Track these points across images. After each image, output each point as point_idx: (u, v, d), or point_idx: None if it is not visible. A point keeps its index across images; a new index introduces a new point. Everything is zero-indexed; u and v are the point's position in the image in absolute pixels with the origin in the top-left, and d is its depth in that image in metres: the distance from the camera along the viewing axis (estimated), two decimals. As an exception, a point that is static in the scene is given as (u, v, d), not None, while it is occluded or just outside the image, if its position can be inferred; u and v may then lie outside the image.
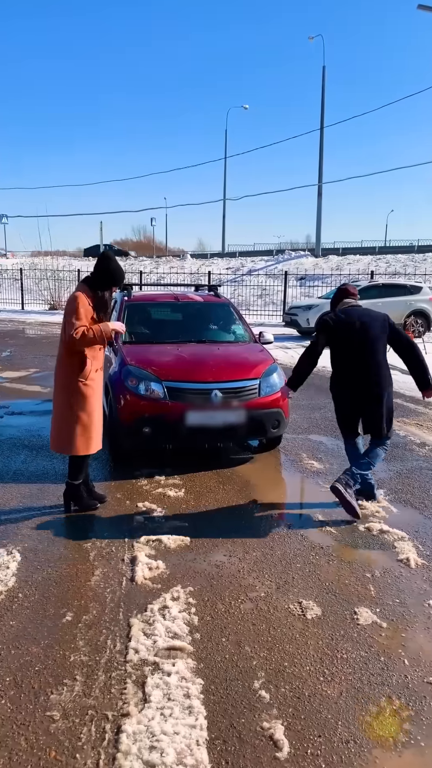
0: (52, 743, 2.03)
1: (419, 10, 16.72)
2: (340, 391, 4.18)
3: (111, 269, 3.81)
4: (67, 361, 3.81)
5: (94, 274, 3.82)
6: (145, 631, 2.66)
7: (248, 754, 1.99)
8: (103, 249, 41.67)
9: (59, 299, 23.50)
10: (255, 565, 3.31)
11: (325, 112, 33.11)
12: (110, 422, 5.06)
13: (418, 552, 3.49)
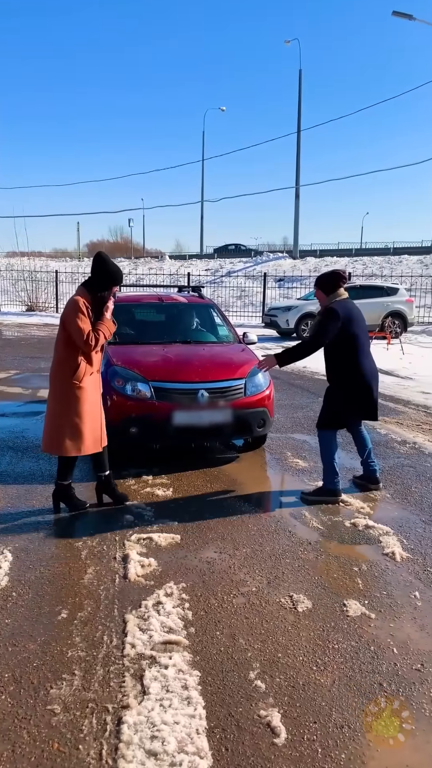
0: (55, 735, 2.06)
1: (394, 16, 17.06)
2: (363, 383, 4.18)
3: (109, 270, 3.84)
4: (63, 363, 3.83)
5: (92, 277, 3.84)
6: (141, 627, 2.70)
7: (247, 741, 2.05)
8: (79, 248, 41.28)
9: (36, 300, 23.33)
10: (245, 561, 3.38)
11: (302, 115, 33.45)
12: None
13: (402, 546, 3.59)
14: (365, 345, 4.24)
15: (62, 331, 3.86)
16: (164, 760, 1.95)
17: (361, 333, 4.22)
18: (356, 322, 4.19)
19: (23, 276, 23.83)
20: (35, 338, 15.70)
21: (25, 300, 23.45)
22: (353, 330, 4.16)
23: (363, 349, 4.21)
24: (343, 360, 4.20)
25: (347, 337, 4.15)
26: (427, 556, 3.48)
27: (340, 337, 4.14)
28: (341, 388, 4.26)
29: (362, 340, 4.22)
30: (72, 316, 3.75)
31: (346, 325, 4.12)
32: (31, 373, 10.04)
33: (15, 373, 10.00)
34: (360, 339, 4.20)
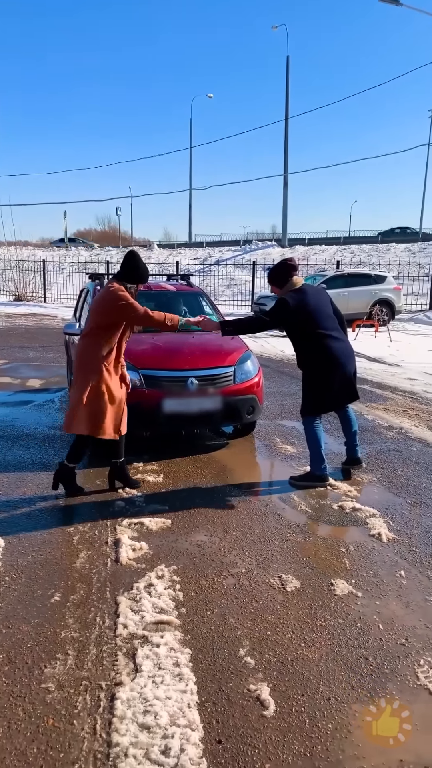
0: (50, 712, 2.11)
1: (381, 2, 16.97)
2: (333, 365, 4.21)
3: (140, 268, 4.03)
4: (91, 349, 3.96)
5: (125, 271, 4.01)
6: (133, 608, 2.76)
7: (237, 714, 2.11)
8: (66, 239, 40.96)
9: (24, 290, 23.15)
10: (235, 544, 3.44)
11: (290, 102, 33.29)
12: None
13: (388, 527, 3.67)
14: (329, 329, 4.23)
15: (95, 318, 3.98)
16: (157, 732, 2.01)
17: (320, 319, 4.21)
18: (313, 310, 4.18)
19: (10, 266, 23.62)
20: (23, 328, 15.63)
21: (12, 290, 23.27)
22: (310, 319, 4.17)
23: (326, 335, 4.20)
24: (308, 346, 4.25)
25: (304, 326, 4.19)
26: (413, 536, 3.56)
27: (299, 325, 4.19)
28: (313, 374, 4.30)
29: (324, 325, 4.21)
30: (117, 300, 3.89)
31: (301, 313, 4.15)
32: (19, 362, 10.02)
33: (4, 362, 9.97)
34: (320, 325, 4.19)
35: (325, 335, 4.19)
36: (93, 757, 1.92)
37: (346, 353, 4.31)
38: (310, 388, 4.34)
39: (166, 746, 1.95)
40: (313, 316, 4.18)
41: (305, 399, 4.38)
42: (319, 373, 4.26)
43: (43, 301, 23.00)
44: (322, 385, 4.28)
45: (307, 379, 4.36)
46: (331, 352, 4.20)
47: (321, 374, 4.25)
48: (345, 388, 4.31)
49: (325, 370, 4.23)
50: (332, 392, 4.29)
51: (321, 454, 4.33)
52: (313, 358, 4.25)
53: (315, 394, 4.32)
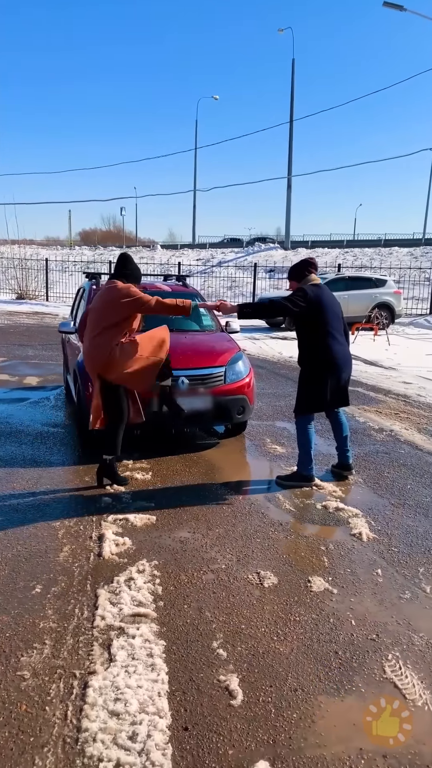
0: (23, 698, 2.18)
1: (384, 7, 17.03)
2: (332, 365, 4.26)
3: (134, 269, 4.37)
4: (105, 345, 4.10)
5: (126, 272, 4.28)
6: (112, 600, 2.82)
7: (205, 703, 2.17)
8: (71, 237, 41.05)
9: (26, 288, 23.27)
10: (217, 541, 3.50)
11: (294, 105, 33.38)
12: (78, 408, 5.18)
13: (370, 527, 3.72)
14: (336, 331, 4.31)
15: (104, 316, 4.11)
16: (126, 719, 2.07)
17: (332, 318, 4.29)
18: (327, 306, 4.27)
19: (13, 264, 23.74)
20: (24, 326, 15.72)
21: (15, 288, 23.39)
22: (323, 314, 4.24)
23: (333, 334, 4.28)
24: (312, 344, 4.30)
25: (316, 320, 4.24)
26: (393, 536, 3.61)
27: (309, 319, 4.24)
28: (311, 372, 4.34)
29: (333, 324, 4.29)
30: (125, 297, 4.09)
31: (315, 307, 4.20)
32: (18, 360, 10.10)
33: (2, 360, 10.05)
34: (330, 323, 4.27)
35: (331, 335, 4.26)
36: (62, 741, 1.98)
37: (345, 358, 4.37)
38: (306, 386, 4.39)
39: (134, 732, 2.01)
40: (325, 312, 4.25)
41: (299, 397, 4.43)
42: (316, 372, 4.30)
43: (45, 299, 23.11)
44: (317, 384, 4.32)
45: (303, 376, 4.41)
46: (333, 354, 4.26)
47: (318, 373, 4.29)
48: (338, 391, 4.36)
49: (323, 370, 4.28)
50: (325, 393, 4.32)
51: (310, 454, 4.38)
52: (315, 355, 4.30)
53: (309, 393, 4.36)
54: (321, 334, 4.24)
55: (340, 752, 1.96)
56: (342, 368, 4.32)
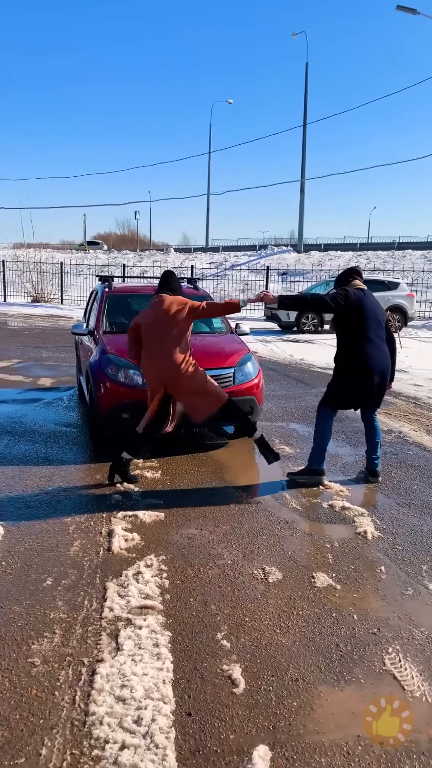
0: (33, 683, 2.26)
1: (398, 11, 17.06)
2: (366, 368, 4.28)
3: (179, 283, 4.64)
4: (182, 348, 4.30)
5: (172, 286, 4.50)
6: (120, 593, 2.90)
7: (208, 690, 2.24)
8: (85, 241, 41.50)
9: (41, 291, 23.55)
10: (224, 537, 3.57)
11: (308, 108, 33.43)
12: (90, 408, 5.29)
13: (375, 526, 3.77)
14: (375, 335, 4.32)
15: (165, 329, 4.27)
16: (131, 704, 2.15)
17: (372, 322, 4.31)
18: (368, 310, 4.31)
19: (29, 267, 24.05)
20: (39, 328, 15.92)
21: (30, 291, 23.68)
22: (363, 317, 4.28)
23: (371, 338, 4.29)
24: (349, 345, 4.34)
25: (355, 322, 4.28)
26: (398, 535, 3.66)
27: (349, 321, 4.29)
28: (340, 370, 4.40)
29: (373, 329, 4.31)
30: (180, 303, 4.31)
31: (355, 309, 4.26)
32: (33, 362, 10.26)
33: (17, 361, 10.22)
34: (370, 327, 4.29)
35: (369, 339, 4.30)
36: (70, 724, 2.06)
37: (382, 363, 4.35)
38: (337, 384, 4.44)
39: (139, 716, 2.09)
40: (365, 315, 4.29)
41: (328, 391, 4.50)
42: (350, 373, 4.35)
43: (60, 302, 23.37)
44: (348, 385, 4.37)
45: (336, 372, 4.47)
46: (368, 357, 4.28)
47: (352, 374, 4.34)
48: (369, 394, 4.38)
49: (357, 372, 4.31)
50: (354, 395, 4.38)
51: (324, 450, 4.45)
52: (351, 357, 4.34)
53: (339, 391, 4.42)
54: (359, 336, 4.28)
55: (338, 739, 2.02)
56: (376, 372, 4.31)
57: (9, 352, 11.18)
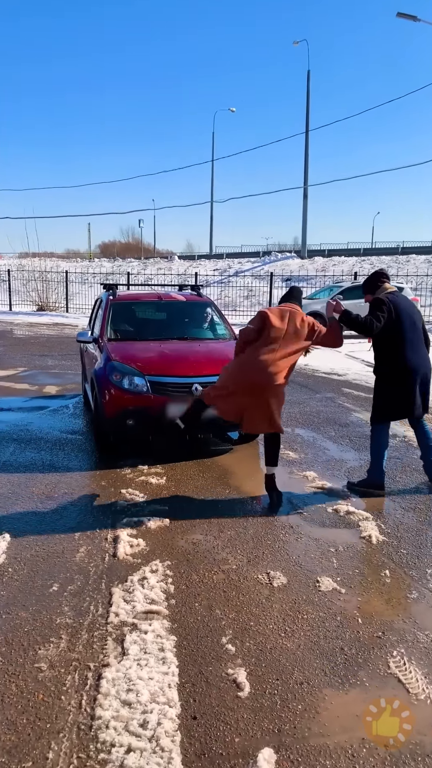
0: (40, 688, 2.28)
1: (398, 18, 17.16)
2: (408, 374, 4.25)
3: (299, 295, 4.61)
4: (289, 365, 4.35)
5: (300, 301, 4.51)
6: (125, 598, 2.92)
7: (213, 694, 2.25)
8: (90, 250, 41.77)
9: (47, 300, 23.67)
10: (229, 542, 3.58)
11: (310, 115, 33.58)
12: (95, 415, 5.32)
13: (380, 530, 3.77)
14: (412, 339, 4.27)
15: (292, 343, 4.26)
16: (137, 708, 2.17)
17: (408, 325, 4.26)
18: (404, 311, 4.28)
19: (34, 276, 24.19)
20: (44, 337, 16.00)
21: (35, 300, 23.81)
22: (400, 321, 4.23)
23: (410, 342, 4.25)
24: (388, 352, 4.30)
25: (393, 328, 4.23)
26: (402, 539, 3.66)
27: (388, 325, 4.22)
28: (386, 380, 4.36)
29: (410, 332, 4.27)
30: (311, 324, 4.30)
31: (392, 311, 4.22)
32: (38, 370, 10.31)
33: (23, 370, 10.28)
34: (407, 331, 4.25)
35: (408, 342, 4.26)
36: (77, 728, 2.08)
37: (422, 366, 4.32)
38: (381, 395, 4.40)
39: (145, 720, 2.11)
40: (401, 319, 4.25)
41: (373, 406, 4.46)
42: (392, 381, 4.31)
43: (65, 311, 23.48)
44: (392, 394, 4.33)
45: (379, 385, 4.43)
46: (408, 362, 4.25)
47: (394, 382, 4.30)
48: (411, 394, 4.30)
49: (399, 379, 4.27)
50: (398, 396, 4.32)
51: (381, 462, 4.40)
52: (391, 364, 4.30)
53: (384, 402, 4.38)
54: (398, 341, 4.24)
55: (342, 741, 2.03)
56: (419, 376, 4.28)
57: (15, 361, 11.24)
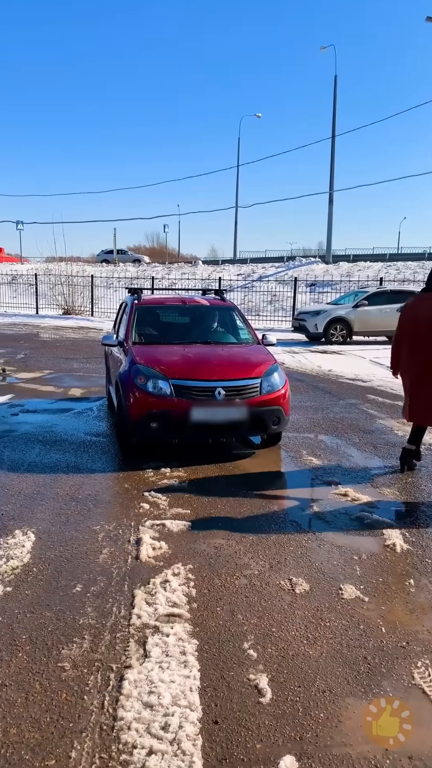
0: (63, 688, 2.31)
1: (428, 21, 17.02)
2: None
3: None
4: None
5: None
6: (147, 601, 2.93)
7: (235, 699, 2.25)
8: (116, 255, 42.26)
9: (72, 304, 23.99)
10: (251, 547, 3.58)
11: (336, 120, 33.43)
12: (119, 417, 5.38)
13: (404, 538, 3.72)
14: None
15: None
16: (159, 711, 2.17)
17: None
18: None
19: (60, 280, 24.53)
20: (69, 340, 16.21)
21: (62, 303, 24.13)
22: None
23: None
24: None
25: None
26: (427, 548, 3.61)
27: None
28: None
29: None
30: None
31: None
32: (63, 373, 10.45)
33: (48, 372, 10.42)
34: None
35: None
36: (99, 728, 2.10)
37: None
38: None
39: (166, 723, 2.11)
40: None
41: None
42: None
43: (90, 314, 23.75)
44: None
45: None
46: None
47: None
48: None
49: None
50: None
51: None
52: None
53: None
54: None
55: (365, 752, 2.00)
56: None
57: (41, 364, 11.41)
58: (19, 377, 9.82)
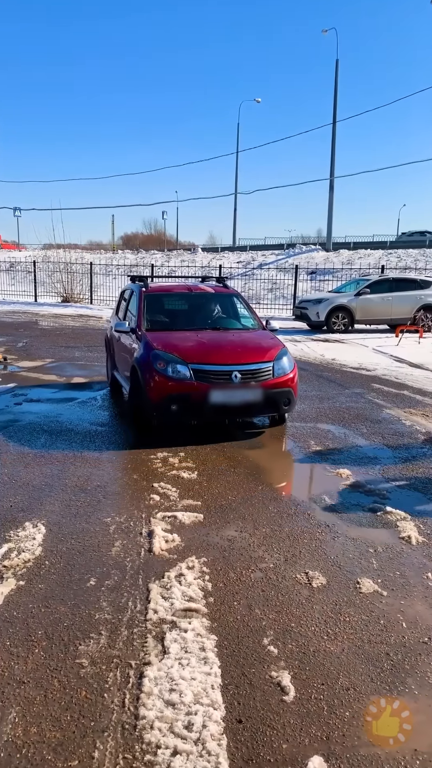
0: (82, 685, 2.26)
1: (433, 4, 16.73)
2: None
3: None
4: None
5: None
6: (163, 595, 2.89)
7: (258, 697, 2.21)
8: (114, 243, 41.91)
9: (71, 292, 23.80)
10: (264, 540, 3.53)
11: (337, 106, 33.07)
12: (137, 400, 5.45)
13: (419, 531, 3.68)
14: None
15: None
16: (181, 709, 2.13)
17: None
18: None
19: (59, 268, 24.33)
20: (69, 328, 16.09)
21: (60, 291, 23.95)
22: None
23: None
24: None
25: None
26: (443, 540, 3.57)
27: None
28: None
29: None
30: None
31: None
32: (65, 361, 10.36)
33: (50, 361, 10.33)
34: None
35: None
36: (121, 728, 2.05)
37: None
38: None
39: (190, 722, 2.07)
40: None
41: None
42: None
43: (89, 302, 23.59)
44: None
45: None
46: None
47: None
48: None
49: None
50: None
51: None
52: None
53: None
54: None
55: (394, 752, 1.97)
56: None
57: (42, 352, 11.31)
58: (21, 366, 9.74)
